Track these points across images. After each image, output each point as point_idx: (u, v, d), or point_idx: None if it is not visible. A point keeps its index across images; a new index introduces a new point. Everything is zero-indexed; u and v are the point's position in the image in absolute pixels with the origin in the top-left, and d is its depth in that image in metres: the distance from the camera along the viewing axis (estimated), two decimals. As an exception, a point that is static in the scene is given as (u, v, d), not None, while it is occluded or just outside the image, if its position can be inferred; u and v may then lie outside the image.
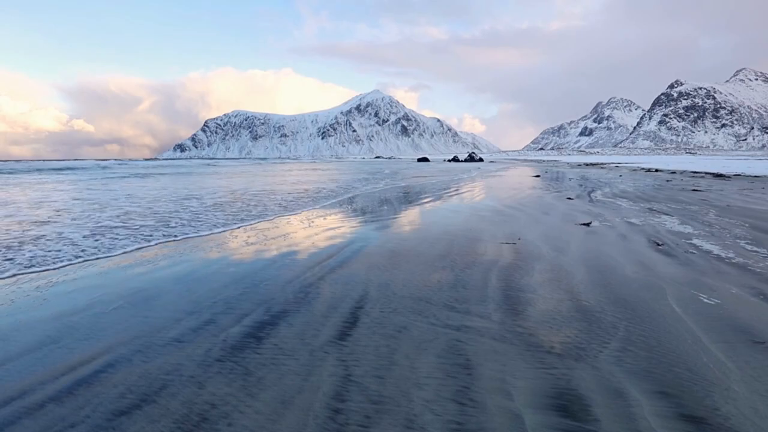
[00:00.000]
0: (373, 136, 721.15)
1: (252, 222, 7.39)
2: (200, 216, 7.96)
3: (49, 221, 7.32)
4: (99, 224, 7.03)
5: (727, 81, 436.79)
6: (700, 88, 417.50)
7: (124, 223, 7.21)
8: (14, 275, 4.22)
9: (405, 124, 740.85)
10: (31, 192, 13.62)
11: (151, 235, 6.12)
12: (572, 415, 1.95)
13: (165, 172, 30.01)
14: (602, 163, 43.04)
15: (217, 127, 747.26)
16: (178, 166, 47.27)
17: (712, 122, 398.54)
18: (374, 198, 11.80)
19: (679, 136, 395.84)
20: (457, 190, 14.08)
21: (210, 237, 6.12)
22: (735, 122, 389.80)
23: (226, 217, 7.82)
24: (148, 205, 9.61)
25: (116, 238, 5.93)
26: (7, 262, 4.66)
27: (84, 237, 6.01)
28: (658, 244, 5.35)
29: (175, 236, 6.11)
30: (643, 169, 29.62)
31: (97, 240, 5.82)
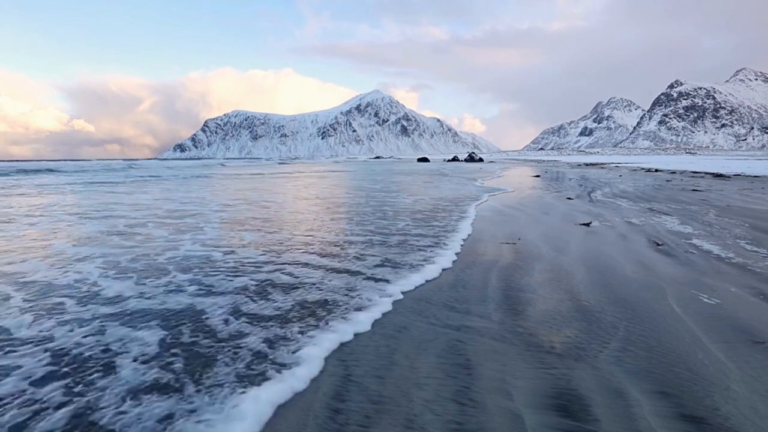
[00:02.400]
0: (373, 136, 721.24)
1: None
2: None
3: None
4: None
5: (727, 81, 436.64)
6: (700, 88, 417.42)
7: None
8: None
9: (405, 124, 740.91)
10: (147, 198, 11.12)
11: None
12: (572, 415, 1.95)
13: (221, 173, 26.74)
14: (602, 163, 43.03)
15: (217, 127, 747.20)
16: (210, 167, 42.43)
17: (711, 122, 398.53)
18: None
19: (679, 136, 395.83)
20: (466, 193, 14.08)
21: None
22: (735, 122, 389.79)
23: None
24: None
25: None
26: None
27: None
28: (658, 244, 5.34)
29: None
30: (643, 169, 29.62)
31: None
